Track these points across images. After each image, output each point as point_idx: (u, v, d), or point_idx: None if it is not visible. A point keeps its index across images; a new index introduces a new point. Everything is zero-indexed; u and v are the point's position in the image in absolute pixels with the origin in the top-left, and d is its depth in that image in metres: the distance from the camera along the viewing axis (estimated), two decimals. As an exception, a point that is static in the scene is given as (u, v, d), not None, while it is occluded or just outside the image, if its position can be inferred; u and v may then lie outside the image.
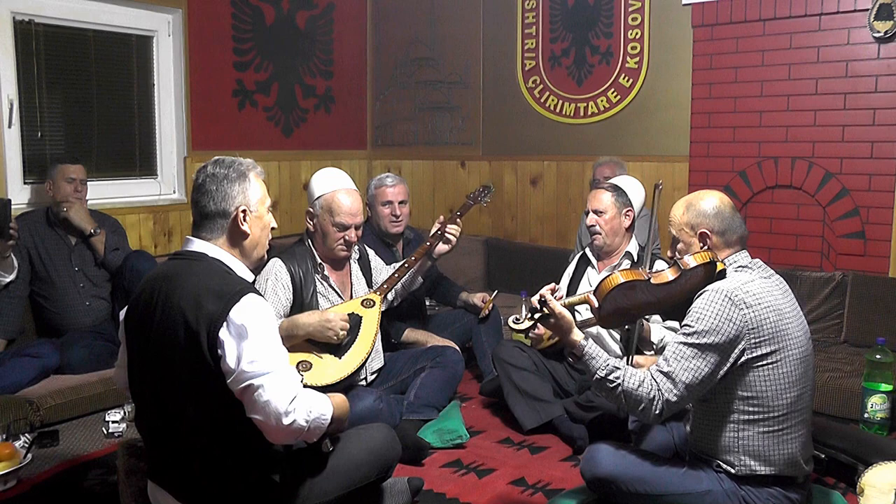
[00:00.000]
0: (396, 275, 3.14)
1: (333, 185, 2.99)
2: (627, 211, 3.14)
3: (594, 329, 3.01)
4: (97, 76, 4.18)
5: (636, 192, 3.21)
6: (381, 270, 3.25)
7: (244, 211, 1.96)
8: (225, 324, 1.75)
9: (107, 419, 3.05)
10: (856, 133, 3.76)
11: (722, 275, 2.11)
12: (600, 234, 3.13)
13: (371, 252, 3.27)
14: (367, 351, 2.89)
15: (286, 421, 1.74)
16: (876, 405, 2.93)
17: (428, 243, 3.26)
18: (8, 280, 3.32)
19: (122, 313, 2.01)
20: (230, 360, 1.74)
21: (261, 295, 1.86)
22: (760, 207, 4.09)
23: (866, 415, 2.95)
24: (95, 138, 4.21)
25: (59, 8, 3.94)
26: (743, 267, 2.13)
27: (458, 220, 3.33)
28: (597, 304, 2.14)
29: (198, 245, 1.96)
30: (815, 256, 3.96)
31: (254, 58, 4.80)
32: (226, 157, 2.02)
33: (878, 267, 3.74)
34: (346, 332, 2.82)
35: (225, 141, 4.68)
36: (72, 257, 3.53)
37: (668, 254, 2.26)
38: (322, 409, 1.84)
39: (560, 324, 2.08)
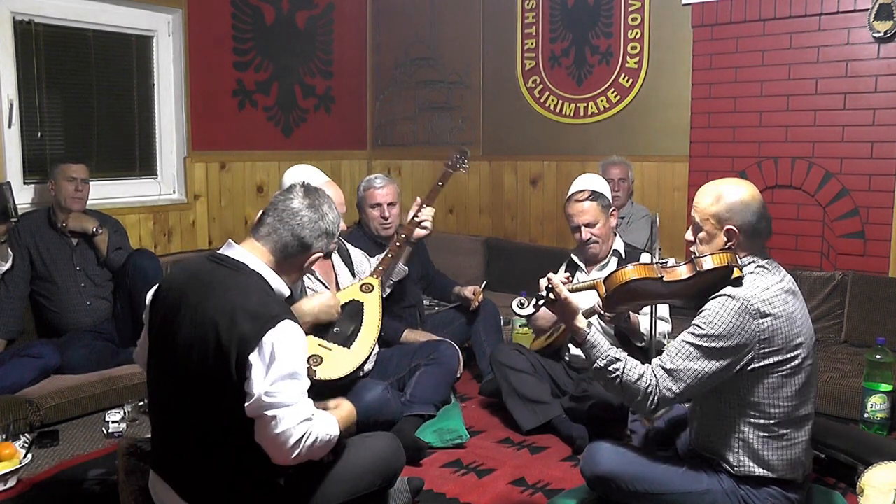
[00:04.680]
0: (390, 255, 3.15)
1: (318, 181, 3.01)
2: (612, 212, 3.16)
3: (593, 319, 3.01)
4: (97, 76, 4.18)
5: (606, 187, 3.22)
6: (363, 261, 3.24)
7: (318, 255, 2.02)
8: (257, 348, 1.74)
9: (107, 419, 3.05)
10: (856, 133, 3.76)
11: (738, 282, 2.04)
12: (597, 243, 3.12)
13: (348, 244, 3.26)
14: (374, 337, 2.89)
15: (292, 455, 1.75)
16: (876, 405, 2.93)
17: (409, 227, 3.21)
18: (3, 270, 3.32)
19: (149, 295, 1.99)
20: (254, 385, 1.73)
21: (297, 321, 1.85)
22: (760, 207, 4.09)
23: (866, 415, 2.95)
24: (95, 138, 4.21)
25: (59, 8, 3.94)
26: (761, 267, 2.08)
27: (433, 200, 3.29)
28: (605, 293, 2.13)
29: (238, 252, 1.94)
30: (815, 256, 3.96)
31: (254, 58, 4.79)
32: (330, 198, 2.07)
33: (878, 267, 3.74)
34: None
35: (225, 141, 4.68)
36: (73, 257, 3.53)
37: (688, 237, 2.18)
38: (328, 431, 1.84)
39: (565, 309, 2.08)
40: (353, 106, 5.51)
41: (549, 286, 2.08)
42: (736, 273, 2.04)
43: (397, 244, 3.18)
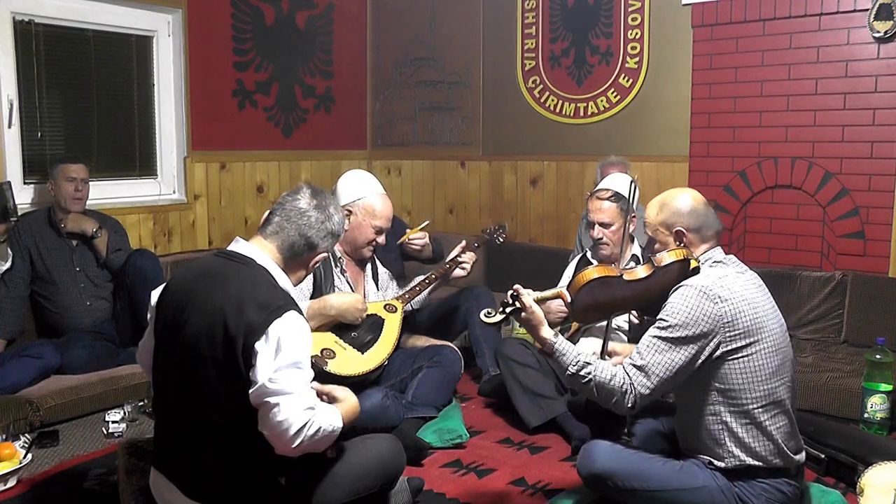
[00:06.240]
0: (418, 287, 3.27)
1: (374, 189, 3.15)
2: (632, 217, 3.12)
3: (620, 320, 3.01)
4: (97, 76, 4.18)
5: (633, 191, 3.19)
6: (386, 280, 3.35)
7: (323, 255, 2.05)
8: (264, 336, 1.77)
9: (107, 419, 3.05)
10: (856, 133, 3.77)
11: (696, 272, 2.14)
12: (608, 244, 3.09)
13: (378, 263, 3.37)
14: (388, 352, 2.99)
15: (293, 444, 1.76)
16: (876, 405, 2.93)
17: (448, 265, 3.35)
18: (3, 270, 3.32)
19: (154, 294, 2.02)
20: (259, 373, 1.76)
21: (302, 314, 1.88)
22: (760, 207, 4.09)
23: (866, 415, 2.95)
24: (95, 138, 4.21)
25: (59, 8, 3.94)
26: (718, 262, 2.17)
27: (475, 249, 3.45)
28: (569, 299, 2.16)
29: (245, 248, 1.97)
30: (815, 256, 3.96)
31: (254, 58, 4.79)
32: (336, 200, 2.15)
33: (878, 267, 3.74)
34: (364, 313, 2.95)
35: (225, 141, 4.68)
36: (73, 257, 3.53)
37: (647, 253, 2.28)
38: (331, 422, 1.85)
39: (530, 318, 2.11)
40: (352, 106, 5.51)
41: (515, 294, 2.11)
42: (693, 264, 2.14)
43: (426, 281, 3.29)
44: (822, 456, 2.62)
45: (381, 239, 3.13)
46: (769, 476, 2.08)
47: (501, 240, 3.74)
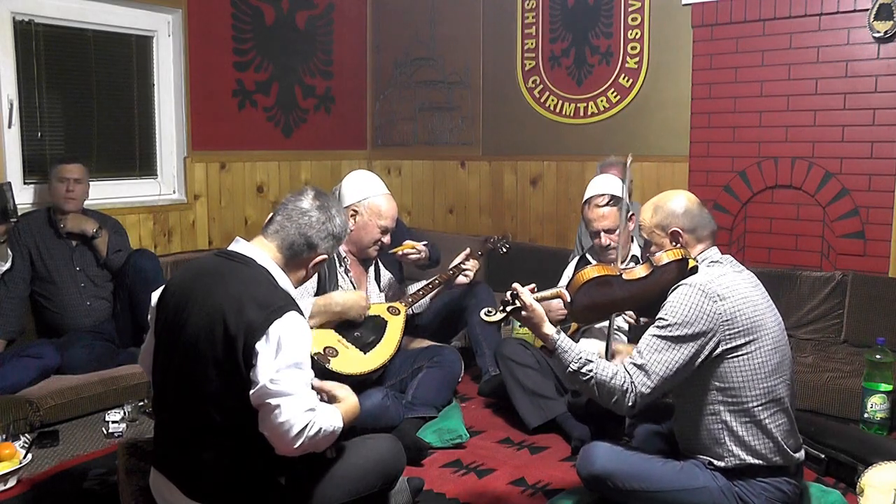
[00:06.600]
0: (421, 292, 3.31)
1: (379, 189, 3.18)
2: (631, 216, 3.13)
3: (620, 321, 3.01)
4: (97, 76, 4.18)
5: (624, 189, 3.19)
6: (388, 281, 3.37)
7: (323, 256, 2.05)
8: (264, 336, 1.77)
9: (107, 419, 3.05)
10: (856, 133, 3.77)
11: (694, 271, 2.15)
12: (616, 248, 3.09)
13: (381, 265, 3.39)
14: (390, 353, 3.00)
15: (294, 445, 1.77)
16: (876, 405, 2.93)
17: (451, 272, 3.38)
18: (3, 270, 3.32)
19: (154, 296, 2.02)
20: (260, 373, 1.76)
21: (302, 314, 1.88)
22: (760, 207, 4.09)
23: (866, 415, 2.95)
24: (95, 138, 4.21)
25: (59, 8, 3.94)
26: (715, 262, 2.18)
27: (478, 257, 3.49)
28: (569, 299, 2.16)
29: (245, 248, 1.97)
30: (815, 256, 3.96)
31: (254, 58, 4.79)
32: (340, 203, 2.16)
33: (878, 267, 3.74)
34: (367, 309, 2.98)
35: (225, 141, 4.68)
36: (73, 257, 3.53)
37: (645, 254, 2.28)
38: (332, 422, 1.85)
39: (531, 316, 2.11)
40: (352, 106, 5.51)
41: (515, 293, 2.11)
42: (691, 263, 2.15)
43: (429, 286, 3.32)
44: (822, 456, 2.62)
45: (387, 239, 3.16)
46: (769, 475, 2.08)
47: (505, 250, 3.77)
